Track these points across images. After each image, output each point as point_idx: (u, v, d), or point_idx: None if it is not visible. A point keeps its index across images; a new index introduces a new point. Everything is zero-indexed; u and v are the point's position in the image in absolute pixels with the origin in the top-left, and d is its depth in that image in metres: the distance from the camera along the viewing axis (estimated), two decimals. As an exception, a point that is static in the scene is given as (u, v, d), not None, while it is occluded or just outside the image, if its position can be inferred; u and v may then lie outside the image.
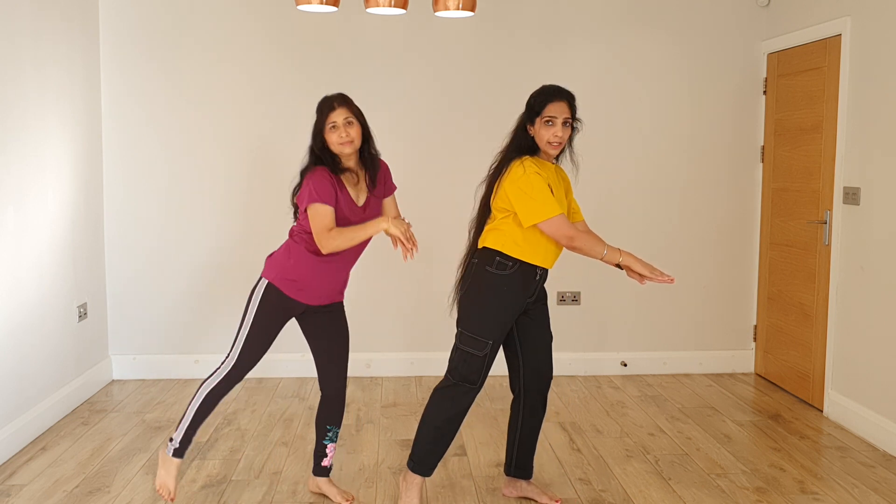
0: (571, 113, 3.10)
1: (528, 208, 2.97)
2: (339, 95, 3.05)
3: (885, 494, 3.44)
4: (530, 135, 3.10)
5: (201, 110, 5.01)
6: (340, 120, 2.98)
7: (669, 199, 5.25)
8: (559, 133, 3.05)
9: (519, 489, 3.39)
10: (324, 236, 2.92)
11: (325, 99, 3.05)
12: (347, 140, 2.98)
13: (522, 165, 3.01)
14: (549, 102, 3.06)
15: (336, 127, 2.98)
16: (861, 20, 4.17)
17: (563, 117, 3.06)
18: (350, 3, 4.70)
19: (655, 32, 5.16)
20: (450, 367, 3.15)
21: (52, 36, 4.26)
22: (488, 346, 3.08)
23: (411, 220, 5.10)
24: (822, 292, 4.51)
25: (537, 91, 3.12)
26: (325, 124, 2.99)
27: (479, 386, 3.14)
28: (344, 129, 2.98)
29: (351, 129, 2.99)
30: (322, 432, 3.32)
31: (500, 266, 3.07)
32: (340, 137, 2.97)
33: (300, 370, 5.08)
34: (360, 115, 3.07)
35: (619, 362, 5.30)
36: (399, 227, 2.94)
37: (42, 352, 4.16)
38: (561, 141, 3.07)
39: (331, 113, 2.99)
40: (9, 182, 3.82)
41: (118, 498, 3.37)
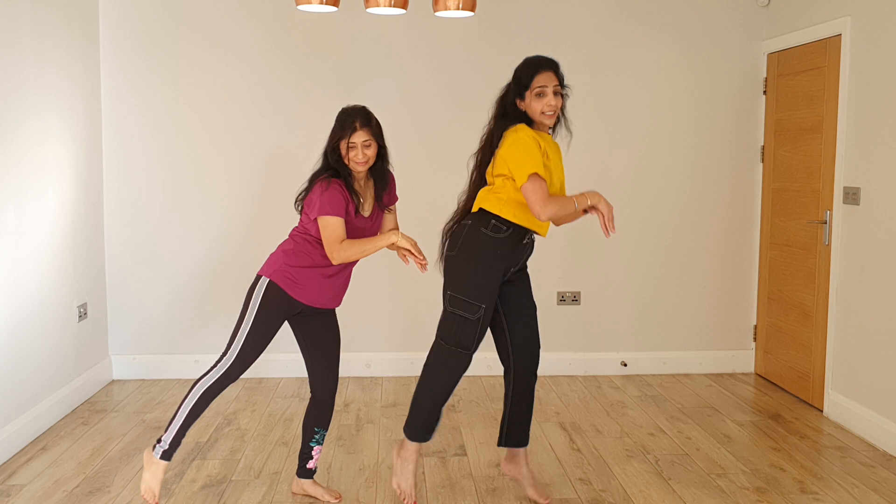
0: (559, 81, 3.08)
1: (520, 166, 2.97)
2: (363, 115, 3.05)
3: (885, 494, 3.44)
4: (521, 109, 3.09)
5: (201, 110, 5.01)
6: (360, 142, 3.02)
7: (669, 198, 5.25)
8: (552, 102, 3.05)
9: (517, 469, 3.35)
10: (335, 248, 2.96)
11: (349, 115, 3.05)
12: (363, 161, 3.03)
13: (516, 131, 3.03)
14: (536, 73, 3.06)
15: (354, 147, 3.01)
16: (861, 20, 4.17)
17: (553, 86, 3.05)
18: (350, 3, 4.70)
19: (655, 32, 5.16)
20: (440, 332, 3.14)
21: (51, 36, 4.26)
22: (481, 310, 3.07)
23: (411, 219, 5.13)
24: (822, 292, 4.51)
25: (522, 64, 3.12)
26: (344, 141, 3.02)
27: (474, 350, 3.13)
28: (362, 150, 3.02)
29: (368, 151, 3.03)
30: (309, 434, 3.30)
31: (495, 229, 3.07)
32: (357, 157, 3.01)
33: (300, 370, 5.08)
34: (380, 134, 3.10)
35: (619, 362, 5.30)
36: (409, 241, 3.00)
37: (42, 352, 4.16)
38: (555, 109, 3.07)
39: (353, 134, 3.01)
40: (9, 182, 3.82)
41: (118, 498, 3.37)
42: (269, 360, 3.44)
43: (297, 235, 3.13)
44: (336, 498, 3.34)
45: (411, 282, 5.18)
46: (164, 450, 3.13)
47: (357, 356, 5.14)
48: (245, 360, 3.11)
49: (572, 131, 3.30)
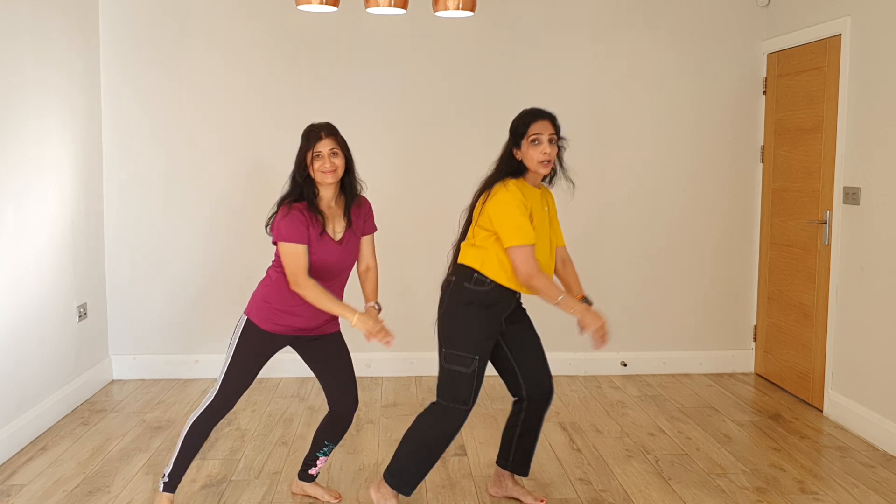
0: (555, 130, 3.08)
1: (508, 230, 2.97)
2: (326, 125, 3.05)
3: (885, 494, 3.44)
4: (517, 159, 3.09)
5: (201, 110, 5.01)
6: (326, 150, 2.98)
7: (670, 198, 5.25)
8: (547, 150, 3.03)
9: (505, 488, 3.38)
10: (299, 281, 2.93)
11: (312, 128, 3.04)
12: (331, 169, 2.98)
13: (506, 188, 3.01)
14: (532, 122, 3.07)
15: (321, 156, 2.98)
16: (861, 20, 4.17)
17: (549, 134, 3.05)
18: (350, 3, 4.70)
19: (655, 32, 5.16)
20: (438, 391, 3.09)
21: (51, 36, 4.26)
22: (475, 363, 3.03)
23: (411, 219, 5.13)
24: (822, 292, 4.51)
25: (518, 115, 3.13)
26: (309, 152, 2.99)
27: (471, 406, 3.09)
28: (329, 159, 2.98)
29: (336, 160, 3.00)
30: (318, 445, 3.29)
31: (478, 282, 3.05)
32: (324, 167, 2.97)
33: (300, 370, 5.08)
34: (346, 147, 3.06)
35: (619, 362, 5.30)
36: (365, 327, 2.94)
37: (42, 352, 4.16)
38: (550, 158, 3.05)
39: (318, 143, 2.98)
40: (9, 182, 3.82)
41: (118, 498, 3.37)
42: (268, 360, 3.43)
43: (272, 269, 3.10)
44: (336, 498, 3.34)
45: (412, 282, 5.18)
46: (165, 482, 3.11)
47: (357, 356, 5.08)
48: (227, 396, 3.07)
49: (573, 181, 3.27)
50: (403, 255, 5.16)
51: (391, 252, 5.18)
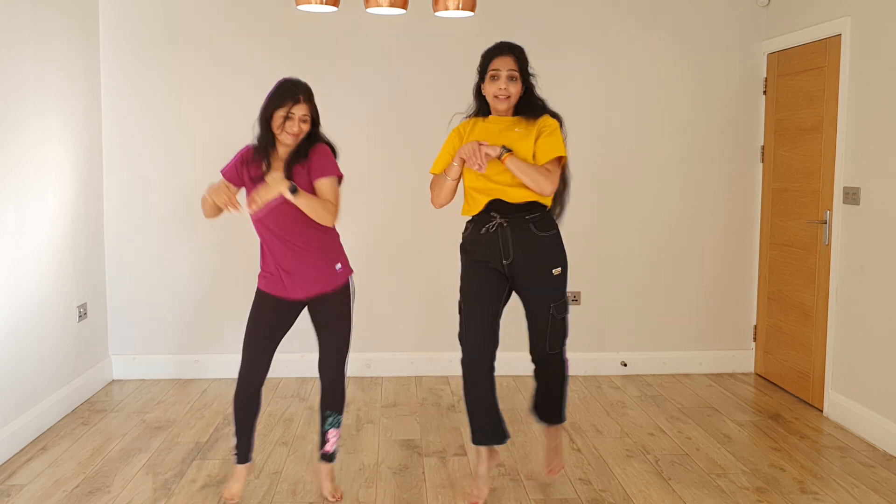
0: (519, 66, 3.06)
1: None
2: (306, 90, 3.05)
3: (885, 494, 3.44)
4: (483, 95, 3.12)
5: (201, 110, 5.01)
6: (298, 114, 3.00)
7: (669, 198, 5.25)
8: (502, 86, 3.04)
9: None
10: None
11: (291, 87, 3.03)
12: (297, 133, 3.01)
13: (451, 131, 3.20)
14: (493, 57, 3.09)
15: (292, 119, 2.99)
16: (861, 20, 4.17)
17: (508, 69, 3.04)
18: (350, 3, 4.70)
19: (655, 32, 5.16)
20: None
21: (51, 35, 4.26)
22: (464, 310, 3.12)
23: (410, 219, 5.13)
24: (822, 292, 4.51)
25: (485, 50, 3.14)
26: (282, 109, 2.98)
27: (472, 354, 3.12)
28: (298, 123, 3.00)
29: (304, 125, 3.02)
30: (322, 418, 3.33)
31: (465, 227, 3.21)
32: (293, 128, 2.99)
33: (300, 370, 5.08)
34: (317, 114, 3.10)
35: (619, 362, 5.30)
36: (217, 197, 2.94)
37: (42, 352, 4.16)
38: (507, 94, 3.05)
39: (295, 105, 2.99)
40: (9, 182, 3.82)
41: (118, 498, 3.37)
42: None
43: None
44: (333, 497, 3.34)
45: (412, 282, 5.18)
46: (235, 454, 3.29)
47: (357, 356, 5.13)
48: (246, 361, 3.18)
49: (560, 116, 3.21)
50: (403, 255, 5.17)
51: (390, 251, 5.18)
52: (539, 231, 3.09)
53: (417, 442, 4.05)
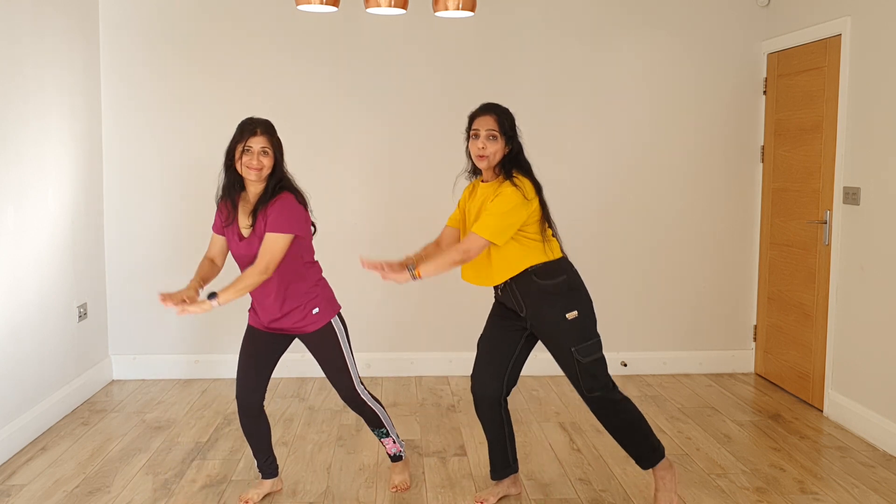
0: (500, 126, 3.07)
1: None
2: (264, 122, 3.05)
3: (885, 494, 3.44)
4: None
5: (201, 110, 5.01)
6: (257, 147, 2.97)
7: (669, 198, 5.24)
8: (480, 144, 3.07)
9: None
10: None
11: (249, 121, 3.04)
12: (257, 167, 2.97)
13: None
14: (475, 117, 3.14)
15: (250, 152, 2.97)
16: (861, 20, 4.17)
17: (487, 129, 3.06)
18: (350, 3, 4.70)
19: (655, 33, 5.16)
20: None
21: (52, 35, 4.27)
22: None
23: (410, 220, 5.12)
24: (822, 292, 4.51)
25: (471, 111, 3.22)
26: (241, 144, 2.98)
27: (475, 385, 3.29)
28: (257, 156, 2.97)
29: (264, 159, 2.98)
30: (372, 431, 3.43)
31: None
32: (251, 162, 2.96)
33: (300, 370, 5.08)
34: (279, 148, 3.05)
35: (619, 362, 5.30)
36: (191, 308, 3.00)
37: (42, 352, 4.16)
38: (484, 154, 3.06)
39: (251, 137, 2.97)
40: (9, 182, 3.82)
41: (118, 498, 3.37)
42: (268, 360, 3.45)
43: None
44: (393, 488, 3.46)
45: (412, 283, 5.17)
46: (259, 471, 3.39)
47: (357, 356, 5.12)
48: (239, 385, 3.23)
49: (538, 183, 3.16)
50: (402, 254, 5.16)
51: (390, 251, 5.17)
52: (543, 280, 3.09)
53: (417, 442, 4.05)
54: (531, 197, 3.02)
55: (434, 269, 3.05)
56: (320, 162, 5.04)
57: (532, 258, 3.07)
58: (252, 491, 3.36)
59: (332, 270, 3.81)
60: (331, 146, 5.07)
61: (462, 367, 5.17)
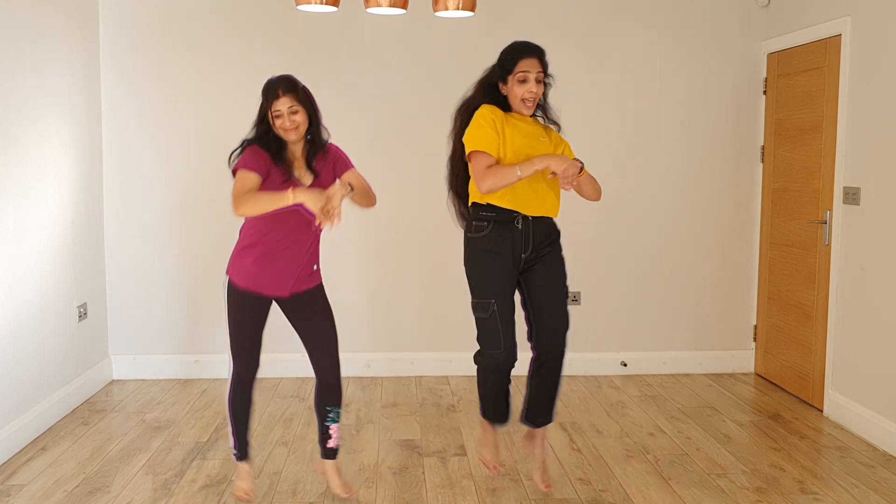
0: (543, 68, 3.06)
1: (466, 143, 3.05)
2: (284, 82, 3.02)
3: (885, 494, 3.44)
4: (503, 94, 3.09)
5: (201, 110, 5.01)
6: (285, 108, 2.98)
7: (669, 198, 5.25)
8: (533, 89, 3.04)
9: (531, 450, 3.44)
10: (235, 199, 2.89)
11: (270, 84, 3.02)
12: (292, 127, 3.00)
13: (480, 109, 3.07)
14: (521, 59, 3.05)
15: (280, 115, 2.98)
16: (861, 20, 4.17)
17: (536, 72, 3.04)
18: (350, 3, 4.70)
19: (655, 32, 5.16)
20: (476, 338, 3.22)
21: (52, 36, 4.27)
22: (493, 306, 3.08)
23: (411, 219, 5.12)
24: (822, 292, 4.51)
25: (508, 48, 3.11)
26: (269, 111, 2.99)
27: (505, 349, 3.14)
28: (288, 117, 2.98)
29: (296, 117, 3.00)
30: (323, 414, 3.31)
31: (477, 228, 3.12)
32: (284, 125, 2.99)
33: (300, 370, 5.08)
34: (307, 100, 3.06)
35: (619, 362, 5.30)
36: (316, 203, 2.79)
37: (42, 352, 4.16)
38: (535, 97, 3.06)
39: (275, 101, 2.98)
40: (9, 182, 3.82)
41: (118, 498, 3.37)
42: (268, 360, 3.44)
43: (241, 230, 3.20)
44: (347, 493, 3.35)
45: (412, 282, 5.18)
46: (235, 453, 3.31)
47: (357, 356, 5.14)
48: (240, 359, 3.16)
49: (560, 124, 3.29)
50: (402, 254, 5.17)
51: (390, 250, 5.18)
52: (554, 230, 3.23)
53: (417, 442, 4.05)
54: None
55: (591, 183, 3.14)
56: (320, 162, 5.04)
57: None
58: (243, 484, 3.31)
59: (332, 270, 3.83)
60: (331, 146, 5.07)
61: (462, 367, 5.17)
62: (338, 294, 3.60)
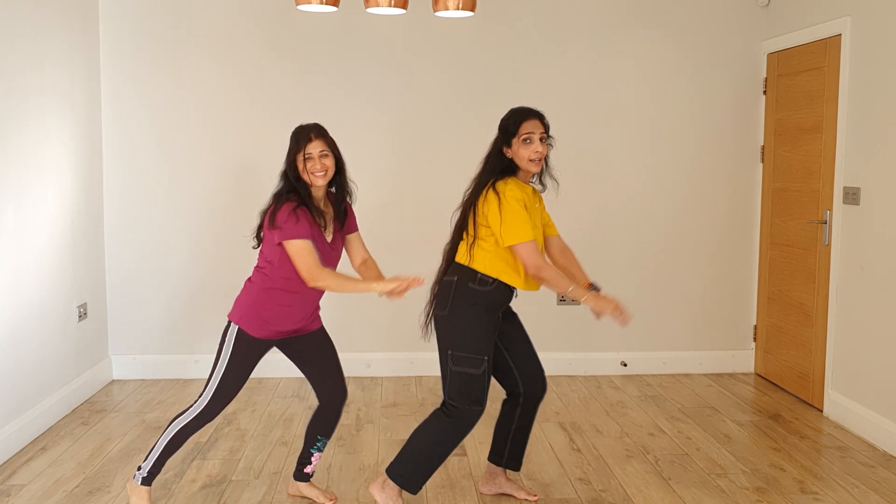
0: (545, 129, 3.11)
1: (507, 229, 3.00)
2: (315, 127, 3.06)
3: (885, 494, 3.44)
4: (507, 157, 3.11)
5: (201, 110, 5.01)
6: (316, 152, 3.00)
7: (670, 198, 5.24)
8: (539, 149, 3.07)
9: (498, 485, 3.41)
10: (315, 274, 2.92)
11: (302, 129, 3.06)
12: (322, 171, 3.01)
13: (506, 184, 3.05)
14: (524, 120, 3.10)
15: (311, 158, 3.00)
16: (861, 20, 4.17)
17: (540, 132, 3.08)
18: (350, 3, 4.70)
19: (655, 32, 5.16)
20: (450, 394, 3.09)
21: (52, 35, 4.27)
22: (485, 363, 3.06)
23: (411, 218, 5.13)
24: (822, 292, 4.51)
25: (509, 113, 3.15)
26: (300, 154, 3.00)
27: (485, 406, 3.13)
28: (319, 160, 3.00)
29: (326, 161, 3.02)
30: (311, 441, 3.29)
31: (482, 282, 3.08)
32: (315, 168, 2.99)
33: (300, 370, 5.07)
34: (336, 147, 3.08)
35: (619, 362, 5.30)
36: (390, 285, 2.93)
37: (42, 352, 4.16)
38: (541, 156, 3.09)
39: (308, 144, 3.00)
40: (9, 182, 3.82)
41: (118, 498, 3.37)
42: (268, 360, 3.43)
43: (258, 273, 3.12)
44: (332, 500, 3.33)
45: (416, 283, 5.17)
46: (143, 476, 3.14)
47: (357, 356, 5.14)
48: (220, 402, 3.11)
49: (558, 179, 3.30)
50: (402, 254, 5.16)
51: (390, 250, 5.17)
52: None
53: (417, 442, 4.04)
54: None
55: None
56: (320, 162, 5.04)
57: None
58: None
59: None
60: (331, 146, 5.07)
61: (462, 367, 5.17)
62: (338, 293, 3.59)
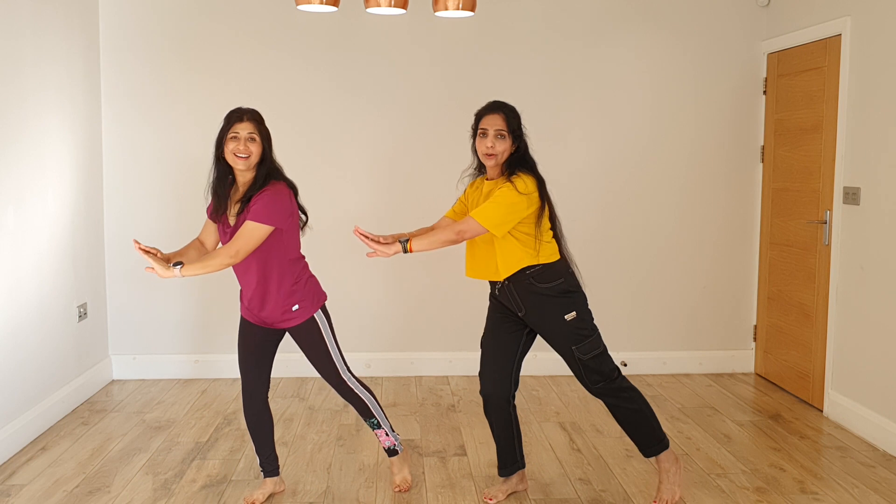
0: (507, 125, 3.09)
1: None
2: (251, 111, 3.04)
3: (885, 494, 3.44)
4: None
5: (201, 109, 5.01)
6: (244, 133, 2.97)
7: (669, 198, 5.25)
8: (489, 144, 3.09)
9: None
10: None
11: (236, 110, 3.05)
12: (245, 154, 2.96)
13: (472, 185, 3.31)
14: (482, 116, 3.15)
15: (237, 138, 2.96)
16: (861, 20, 4.17)
17: (495, 129, 3.08)
18: (350, 3, 4.70)
19: (655, 32, 5.16)
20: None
21: (52, 35, 4.27)
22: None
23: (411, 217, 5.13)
24: (822, 292, 4.51)
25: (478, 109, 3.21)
26: (227, 133, 2.98)
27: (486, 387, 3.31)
28: (245, 142, 2.96)
29: (252, 146, 2.97)
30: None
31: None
32: (238, 149, 2.95)
33: (300, 370, 5.08)
34: (267, 137, 3.05)
35: (619, 362, 5.30)
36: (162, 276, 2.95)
37: (42, 352, 4.16)
38: (492, 152, 3.09)
39: (237, 123, 2.98)
40: (9, 182, 3.82)
41: (118, 498, 3.37)
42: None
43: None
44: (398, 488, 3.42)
45: (411, 282, 5.18)
46: (261, 470, 3.37)
47: (357, 356, 5.14)
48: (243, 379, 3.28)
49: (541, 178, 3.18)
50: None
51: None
52: (539, 283, 3.11)
53: (417, 442, 4.05)
54: (530, 190, 3.03)
55: (427, 244, 3.05)
56: (320, 161, 5.04)
57: (529, 258, 3.09)
58: (256, 492, 3.35)
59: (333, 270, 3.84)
60: (331, 146, 5.07)
61: (462, 367, 5.17)
62: (338, 294, 3.60)
